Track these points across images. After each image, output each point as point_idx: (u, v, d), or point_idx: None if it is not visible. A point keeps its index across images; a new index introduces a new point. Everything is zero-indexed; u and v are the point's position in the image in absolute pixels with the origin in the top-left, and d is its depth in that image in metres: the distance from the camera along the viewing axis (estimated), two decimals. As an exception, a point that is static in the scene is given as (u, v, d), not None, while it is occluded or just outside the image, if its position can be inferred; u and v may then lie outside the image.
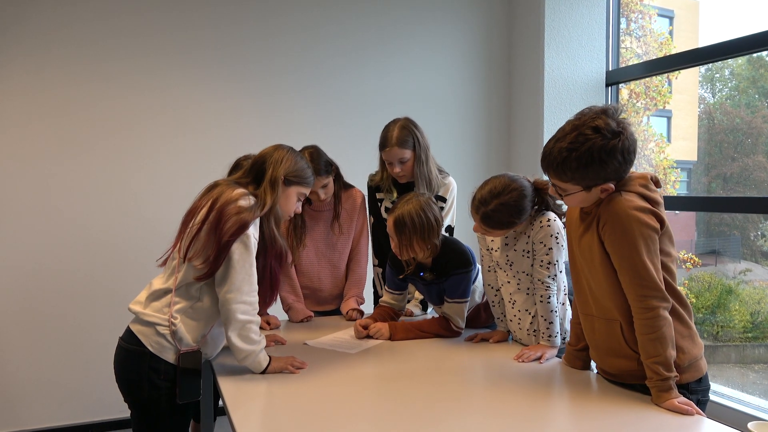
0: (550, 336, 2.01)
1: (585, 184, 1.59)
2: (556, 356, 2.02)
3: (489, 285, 2.21)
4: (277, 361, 1.85)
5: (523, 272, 2.06)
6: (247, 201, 1.78)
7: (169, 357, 1.76)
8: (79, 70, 3.25)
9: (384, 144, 2.44)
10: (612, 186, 1.58)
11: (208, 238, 1.74)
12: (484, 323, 2.39)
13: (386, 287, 2.39)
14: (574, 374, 1.85)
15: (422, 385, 1.76)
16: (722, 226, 3.62)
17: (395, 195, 2.55)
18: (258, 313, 1.81)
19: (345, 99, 3.74)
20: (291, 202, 1.94)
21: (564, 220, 1.97)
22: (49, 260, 3.24)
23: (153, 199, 3.37)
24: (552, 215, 2.00)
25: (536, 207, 2.01)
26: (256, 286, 1.79)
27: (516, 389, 1.74)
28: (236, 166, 2.31)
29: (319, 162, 2.42)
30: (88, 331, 3.31)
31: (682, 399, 1.52)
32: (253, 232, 1.78)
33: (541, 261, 2.00)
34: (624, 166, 1.57)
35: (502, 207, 1.91)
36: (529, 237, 2.01)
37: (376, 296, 2.75)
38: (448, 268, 2.18)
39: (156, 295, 1.80)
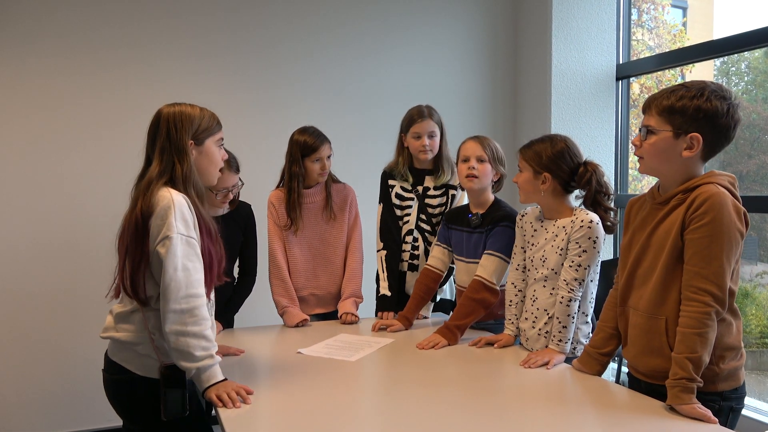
0: (560, 341, 2.00)
1: (677, 124, 1.58)
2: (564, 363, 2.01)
3: (512, 284, 2.21)
4: (222, 387, 1.65)
5: (552, 270, 2.05)
6: (165, 195, 1.66)
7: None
8: (65, 61, 3.23)
9: (414, 117, 2.64)
10: (700, 139, 1.57)
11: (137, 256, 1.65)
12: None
13: (436, 240, 2.56)
14: (586, 380, 1.84)
15: (425, 394, 1.75)
16: (738, 227, 3.60)
17: (411, 179, 2.70)
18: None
19: (345, 93, 3.73)
20: (215, 157, 1.80)
21: (605, 222, 2.02)
22: (33, 263, 3.22)
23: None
24: (596, 218, 2.00)
25: (581, 187, 2.04)
26: (193, 290, 1.64)
27: (523, 397, 1.73)
28: None
29: (320, 132, 2.62)
30: (73, 338, 3.29)
31: (701, 406, 1.51)
32: (179, 228, 1.63)
33: (572, 261, 2.00)
34: (719, 131, 1.58)
35: (549, 142, 2.05)
36: (566, 233, 2.01)
37: (377, 294, 2.76)
38: (496, 219, 2.31)
39: (123, 317, 1.73)
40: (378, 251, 2.74)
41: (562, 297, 2.00)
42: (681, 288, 1.58)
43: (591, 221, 1.99)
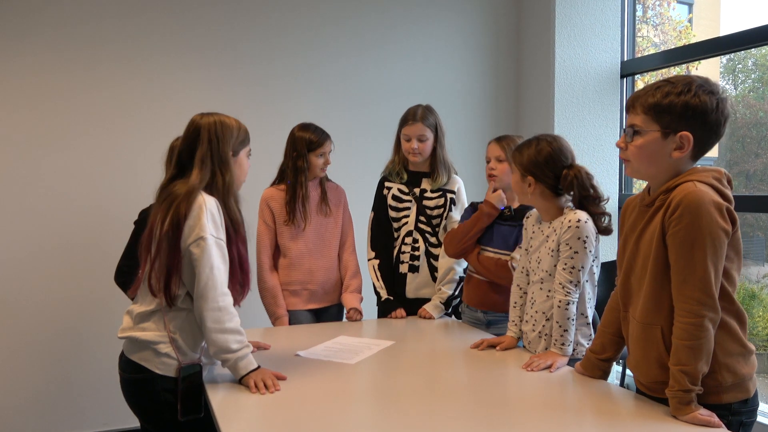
0: (562, 344, 1.99)
1: (665, 122, 1.53)
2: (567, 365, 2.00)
3: (517, 285, 2.22)
4: (258, 374, 1.78)
5: (547, 272, 2.05)
6: (200, 199, 1.76)
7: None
8: (58, 57, 3.22)
9: (407, 118, 2.67)
10: (690, 137, 1.52)
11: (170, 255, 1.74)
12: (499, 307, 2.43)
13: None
14: (590, 384, 1.83)
15: (425, 397, 1.74)
16: (745, 227, 3.59)
17: (405, 177, 2.73)
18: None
19: (345, 91, 3.72)
20: (245, 167, 1.94)
21: (601, 222, 2.01)
22: (27, 263, 3.22)
23: (139, 198, 3.35)
24: (584, 216, 1.99)
25: (566, 191, 2.04)
26: (225, 289, 1.77)
27: (525, 401, 1.73)
28: (171, 150, 2.39)
29: (321, 128, 2.69)
30: (70, 340, 3.29)
31: (704, 411, 1.50)
32: (211, 230, 1.75)
33: (564, 264, 1.99)
34: (708, 128, 1.52)
35: (535, 145, 2.05)
36: (557, 235, 2.01)
37: (379, 300, 2.77)
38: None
39: (143, 318, 1.81)
40: (369, 260, 2.77)
41: (560, 301, 1.99)
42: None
43: (579, 220, 1.98)
